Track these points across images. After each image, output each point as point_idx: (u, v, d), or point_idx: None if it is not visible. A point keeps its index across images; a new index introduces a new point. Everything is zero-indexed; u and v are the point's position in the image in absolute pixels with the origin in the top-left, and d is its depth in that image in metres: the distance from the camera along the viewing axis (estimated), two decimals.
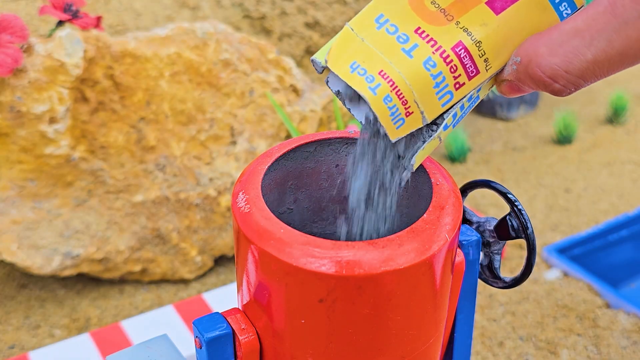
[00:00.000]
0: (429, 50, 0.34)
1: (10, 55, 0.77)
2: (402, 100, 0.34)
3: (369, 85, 0.33)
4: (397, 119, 0.34)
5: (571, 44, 0.31)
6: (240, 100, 0.93)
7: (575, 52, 0.30)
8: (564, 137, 1.30)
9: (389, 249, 0.34)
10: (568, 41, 0.31)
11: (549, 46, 0.31)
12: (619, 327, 0.83)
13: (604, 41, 0.30)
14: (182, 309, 0.78)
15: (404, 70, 0.33)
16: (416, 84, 0.33)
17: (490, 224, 0.44)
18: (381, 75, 0.33)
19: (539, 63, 0.31)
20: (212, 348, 0.38)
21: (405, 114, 0.34)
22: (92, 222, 0.87)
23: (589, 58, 0.30)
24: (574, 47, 0.30)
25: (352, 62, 0.34)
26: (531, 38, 0.33)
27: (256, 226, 0.35)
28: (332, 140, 0.43)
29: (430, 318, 0.38)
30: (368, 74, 0.34)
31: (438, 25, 0.34)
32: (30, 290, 0.91)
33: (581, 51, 0.30)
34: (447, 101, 0.34)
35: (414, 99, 0.34)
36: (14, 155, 0.81)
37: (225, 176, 0.92)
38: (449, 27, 0.34)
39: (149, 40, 0.89)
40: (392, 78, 0.33)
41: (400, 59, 0.34)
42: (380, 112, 0.34)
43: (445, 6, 0.34)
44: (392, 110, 0.34)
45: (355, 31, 0.35)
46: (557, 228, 1.04)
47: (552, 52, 0.31)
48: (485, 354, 0.80)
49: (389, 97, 0.33)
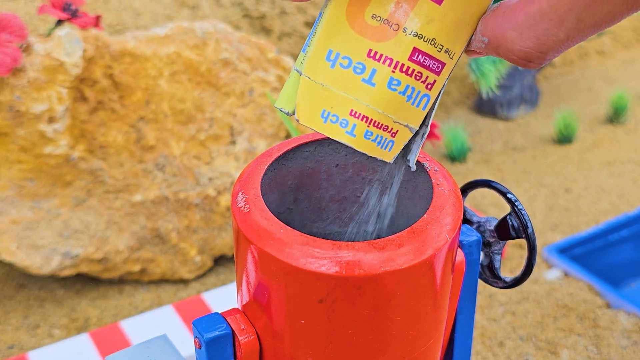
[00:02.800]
0: (389, 71, 0.33)
1: (9, 55, 0.76)
2: (383, 127, 0.33)
3: (345, 131, 0.33)
4: (385, 144, 0.34)
5: (541, 26, 0.30)
6: (239, 100, 0.93)
7: (547, 33, 0.30)
8: (564, 137, 1.30)
9: (389, 249, 0.34)
10: (537, 24, 0.30)
11: (518, 30, 0.31)
12: (619, 327, 0.83)
13: (574, 20, 0.30)
14: (182, 309, 0.78)
15: (372, 101, 0.33)
16: (389, 108, 0.33)
17: (490, 223, 0.44)
18: (353, 115, 0.33)
19: (510, 48, 0.31)
20: (212, 348, 0.37)
21: (391, 136, 0.34)
22: (92, 222, 0.86)
23: (561, 37, 0.30)
24: (544, 29, 0.30)
25: (322, 112, 0.34)
26: (494, 19, 0.32)
27: (256, 226, 0.35)
28: (332, 140, 0.43)
29: (430, 318, 0.37)
30: (340, 119, 0.33)
31: (387, 39, 0.33)
32: (29, 290, 0.91)
33: (552, 32, 0.30)
34: (425, 103, 0.34)
35: (394, 120, 0.34)
36: (13, 154, 0.81)
37: (224, 176, 0.92)
38: (398, 38, 0.33)
39: (148, 39, 0.89)
40: (364, 114, 0.33)
41: (365, 91, 0.33)
42: (367, 148, 0.34)
43: (387, 16, 0.32)
44: (378, 140, 0.34)
45: (312, 79, 0.34)
46: (557, 228, 1.04)
47: (522, 36, 0.31)
48: (485, 354, 0.80)
49: (368, 132, 0.33)
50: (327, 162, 0.44)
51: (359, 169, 0.44)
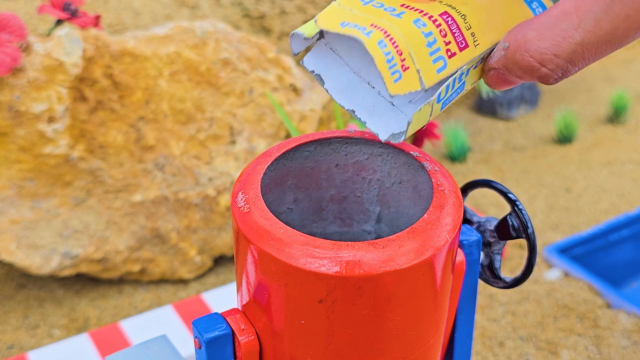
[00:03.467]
0: (417, 14, 0.34)
1: (9, 55, 0.76)
2: (397, 49, 0.33)
3: (362, 32, 0.33)
4: (394, 69, 0.33)
5: (560, 27, 0.30)
6: (239, 100, 0.93)
7: (564, 34, 0.30)
8: (564, 137, 1.30)
9: (389, 249, 0.34)
10: (556, 25, 0.31)
11: (538, 30, 0.31)
12: (619, 327, 0.83)
13: (591, 22, 0.30)
14: (182, 309, 0.78)
15: (396, 24, 0.33)
16: (409, 37, 0.33)
17: (490, 223, 0.44)
18: (373, 26, 0.34)
19: (528, 48, 0.31)
20: (212, 348, 0.37)
21: (401, 67, 0.33)
22: (91, 221, 0.86)
23: (577, 40, 0.30)
24: (562, 30, 0.30)
25: (341, 22, 0.34)
26: (520, 25, 0.33)
27: (255, 226, 0.35)
28: (332, 140, 0.43)
29: (430, 318, 0.37)
30: (360, 26, 0.34)
31: (422, 2, 0.34)
32: (29, 290, 0.91)
33: (569, 34, 0.30)
34: (441, 68, 0.34)
35: (409, 52, 0.33)
36: (13, 154, 0.81)
37: (224, 176, 0.92)
38: (433, 4, 0.34)
39: (148, 39, 0.88)
40: (384, 28, 0.33)
41: (390, 20, 0.34)
42: (376, 55, 0.33)
43: None
44: (388, 57, 0.33)
45: (342, 5, 0.35)
46: (557, 228, 1.04)
47: (541, 36, 0.31)
48: (485, 354, 0.80)
49: (382, 42, 0.33)
50: (327, 162, 0.44)
51: (359, 169, 0.44)
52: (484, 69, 0.35)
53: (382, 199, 0.45)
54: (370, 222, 0.46)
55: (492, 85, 0.35)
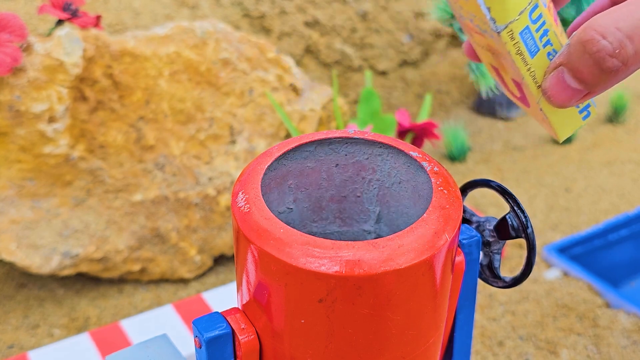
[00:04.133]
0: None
1: (9, 54, 0.76)
2: None
3: None
4: None
5: (627, 7, 0.32)
6: (239, 100, 0.93)
7: (630, 12, 0.32)
8: None
9: (388, 249, 0.34)
10: (624, 6, 0.32)
11: (603, 14, 0.33)
12: (619, 326, 0.83)
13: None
14: (182, 308, 0.78)
15: None
16: None
17: (490, 223, 0.44)
18: None
19: (591, 24, 0.33)
20: (212, 348, 0.37)
21: None
22: (91, 221, 0.86)
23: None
24: (629, 9, 0.32)
25: None
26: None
27: (256, 226, 0.35)
28: (332, 140, 0.43)
29: (430, 318, 0.37)
30: None
31: None
32: (29, 290, 0.91)
33: (634, 12, 0.32)
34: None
35: None
36: (13, 154, 0.81)
37: (224, 175, 0.92)
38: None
39: (148, 39, 0.89)
40: None
41: None
42: None
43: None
44: None
45: None
46: (557, 227, 1.04)
47: (606, 14, 0.32)
48: (485, 353, 0.80)
49: None
50: (327, 162, 0.44)
51: (359, 169, 0.44)
52: (545, 74, 0.35)
53: (382, 198, 0.45)
54: (370, 221, 0.46)
55: (551, 95, 0.35)
